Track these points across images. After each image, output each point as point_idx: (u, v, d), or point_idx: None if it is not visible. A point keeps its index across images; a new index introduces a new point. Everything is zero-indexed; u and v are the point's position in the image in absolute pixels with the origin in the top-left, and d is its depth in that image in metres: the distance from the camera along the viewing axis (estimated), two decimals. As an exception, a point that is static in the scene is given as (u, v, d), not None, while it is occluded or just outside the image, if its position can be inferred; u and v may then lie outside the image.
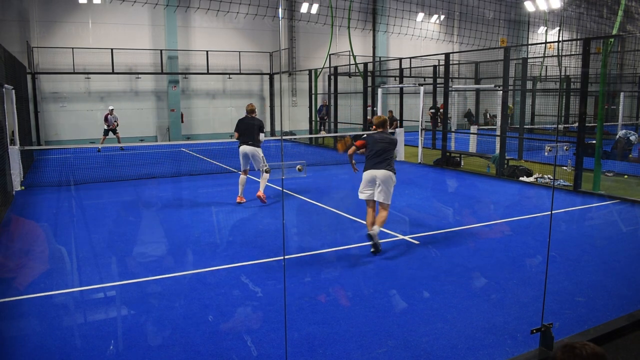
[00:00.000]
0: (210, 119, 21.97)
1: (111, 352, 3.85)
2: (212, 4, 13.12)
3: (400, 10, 17.46)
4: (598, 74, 11.59)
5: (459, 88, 19.25)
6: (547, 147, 4.11)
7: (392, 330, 4.17)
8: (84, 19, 19.28)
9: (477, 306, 4.61)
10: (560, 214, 8.20)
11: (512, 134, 15.40)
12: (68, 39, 18.96)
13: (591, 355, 1.95)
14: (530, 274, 5.49)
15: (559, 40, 26.66)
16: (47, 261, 5.93)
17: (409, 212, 8.24)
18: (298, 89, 23.33)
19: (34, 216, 8.22)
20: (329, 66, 20.63)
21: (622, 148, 13.10)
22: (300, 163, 2.99)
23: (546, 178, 10.94)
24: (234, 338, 4.05)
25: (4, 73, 9.94)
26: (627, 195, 9.23)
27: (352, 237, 6.88)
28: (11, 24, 18.06)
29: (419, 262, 5.84)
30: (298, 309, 4.56)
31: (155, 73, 20.27)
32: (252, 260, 5.88)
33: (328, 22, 19.27)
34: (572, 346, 1.99)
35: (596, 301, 4.74)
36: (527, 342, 3.90)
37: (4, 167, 9.20)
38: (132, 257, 6.12)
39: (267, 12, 14.43)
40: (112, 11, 19.38)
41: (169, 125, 20.91)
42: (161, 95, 20.99)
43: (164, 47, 20.31)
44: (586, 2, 24.11)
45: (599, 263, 5.83)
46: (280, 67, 24.09)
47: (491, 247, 6.43)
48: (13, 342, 4.01)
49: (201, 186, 10.93)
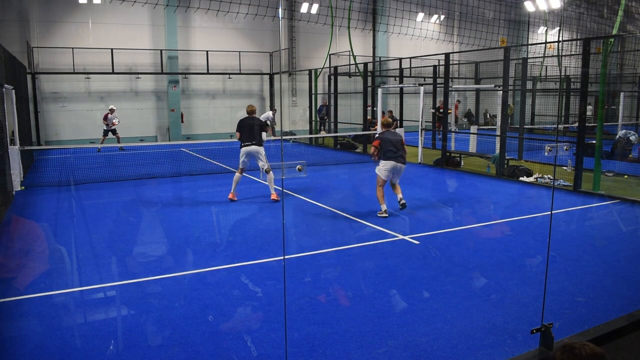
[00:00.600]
0: (210, 119, 21.97)
1: (111, 352, 3.85)
2: (212, 4, 13.12)
3: (400, 10, 17.46)
4: (598, 74, 11.59)
5: (459, 88, 19.25)
6: (547, 147, 4.12)
7: (392, 330, 4.17)
8: (84, 19, 19.28)
9: (477, 306, 4.61)
10: (560, 214, 8.20)
11: (512, 134, 15.40)
12: (68, 39, 18.96)
13: (591, 355, 1.95)
14: (530, 274, 5.50)
15: (559, 40, 26.66)
16: (47, 261, 5.93)
17: (409, 212, 8.24)
18: (298, 89, 23.33)
19: (34, 216, 8.22)
20: (329, 66, 20.64)
21: (622, 148, 13.10)
22: (300, 163, 2.99)
23: (546, 178, 10.94)
24: (234, 338, 4.05)
25: (4, 73, 9.95)
26: (627, 195, 9.23)
27: (352, 237, 6.88)
28: (11, 24, 18.05)
29: (419, 262, 5.84)
30: (298, 309, 4.56)
31: (155, 73, 20.27)
32: (252, 260, 5.88)
33: (328, 22, 19.27)
34: (571, 346, 1.99)
35: (596, 301, 4.74)
36: (527, 342, 3.90)
37: (4, 167, 9.20)
38: (132, 257, 6.12)
39: (267, 12, 14.43)
40: (112, 11, 19.38)
41: (169, 125, 20.91)
42: (161, 95, 21.00)
43: (164, 47, 20.31)
44: (586, 2, 24.11)
45: (599, 263, 5.83)
46: (280, 67, 24.09)
47: (491, 247, 6.43)
48: (13, 342, 4.01)
49: (201, 186, 10.93)
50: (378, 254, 6.18)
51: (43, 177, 12.04)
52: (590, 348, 1.97)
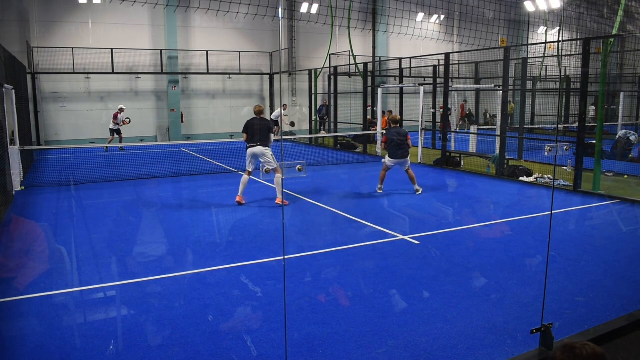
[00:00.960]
0: (210, 119, 21.97)
1: (111, 352, 3.85)
2: (212, 4, 13.13)
3: (400, 10, 17.47)
4: (598, 74, 11.58)
5: (459, 88, 19.25)
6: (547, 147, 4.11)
7: (392, 330, 4.17)
8: (84, 19, 19.28)
9: (477, 306, 4.61)
10: (560, 214, 8.20)
11: (512, 134, 15.40)
12: (68, 39, 18.96)
13: (591, 355, 1.95)
14: (530, 274, 5.49)
15: (559, 40, 26.67)
16: (47, 261, 5.93)
17: (409, 212, 8.24)
18: (298, 89, 23.33)
19: (34, 216, 8.22)
20: (329, 66, 20.64)
21: (622, 148, 13.10)
22: (300, 163, 2.99)
23: (546, 178, 10.94)
24: (234, 338, 4.05)
25: (4, 73, 9.94)
26: (627, 195, 9.23)
27: (352, 237, 6.88)
28: (11, 24, 18.05)
29: (419, 262, 5.84)
30: (298, 309, 4.56)
31: (155, 73, 20.27)
32: (252, 260, 5.88)
33: (328, 22, 19.28)
34: (572, 346, 1.99)
35: (596, 301, 4.74)
36: (527, 342, 3.90)
37: (4, 167, 9.20)
38: (132, 257, 6.12)
39: (267, 12, 14.43)
40: (112, 11, 19.38)
41: (169, 125, 20.91)
42: (161, 95, 21.00)
43: (164, 47, 20.31)
44: (586, 2, 24.11)
45: (599, 263, 5.83)
46: (280, 67, 24.10)
47: (491, 247, 6.43)
48: (13, 342, 4.01)
49: (201, 186, 10.93)
50: (378, 254, 6.18)
51: (43, 177, 12.04)
52: (591, 348, 1.97)
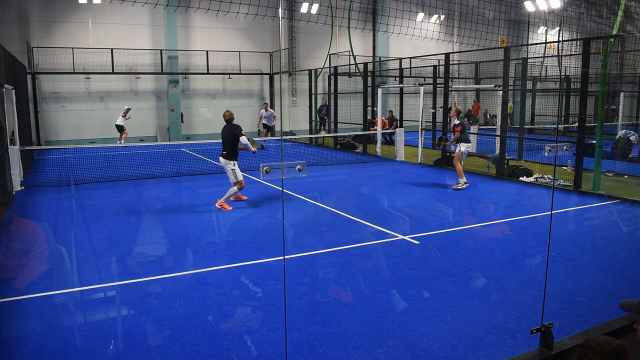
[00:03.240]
0: (210, 119, 21.96)
1: (111, 352, 3.85)
2: (212, 4, 13.13)
3: (400, 10, 17.47)
4: (598, 74, 11.58)
5: (459, 88, 19.25)
6: (547, 147, 4.11)
7: (392, 330, 4.17)
8: (84, 19, 19.28)
9: (477, 306, 4.61)
10: (560, 214, 8.20)
11: (512, 134, 15.39)
12: (68, 39, 18.96)
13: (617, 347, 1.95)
14: (530, 274, 5.49)
15: (559, 40, 26.67)
16: (47, 261, 5.93)
17: (409, 212, 8.24)
18: (298, 89, 23.33)
19: (34, 216, 8.22)
20: (329, 66, 20.63)
21: (622, 148, 13.10)
22: (300, 163, 2.99)
23: (546, 178, 10.94)
24: (234, 338, 4.05)
25: (4, 73, 9.95)
26: (627, 195, 9.23)
27: (352, 237, 6.88)
28: (11, 24, 18.05)
29: (419, 262, 5.84)
30: (298, 309, 4.56)
31: (155, 73, 20.27)
32: (252, 260, 5.88)
33: (328, 22, 19.27)
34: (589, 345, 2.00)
35: (596, 301, 4.74)
36: (527, 342, 3.90)
37: (4, 167, 9.21)
38: (132, 257, 6.12)
39: (267, 12, 14.43)
40: (112, 11, 19.37)
41: (169, 125, 20.90)
42: (161, 95, 20.99)
43: (164, 47, 20.31)
44: (586, 2, 24.11)
45: (599, 263, 5.83)
46: (280, 67, 24.07)
47: (491, 247, 6.43)
48: (13, 342, 4.01)
49: (201, 186, 10.93)
50: (378, 254, 6.18)
51: (43, 177, 12.04)
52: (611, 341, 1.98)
